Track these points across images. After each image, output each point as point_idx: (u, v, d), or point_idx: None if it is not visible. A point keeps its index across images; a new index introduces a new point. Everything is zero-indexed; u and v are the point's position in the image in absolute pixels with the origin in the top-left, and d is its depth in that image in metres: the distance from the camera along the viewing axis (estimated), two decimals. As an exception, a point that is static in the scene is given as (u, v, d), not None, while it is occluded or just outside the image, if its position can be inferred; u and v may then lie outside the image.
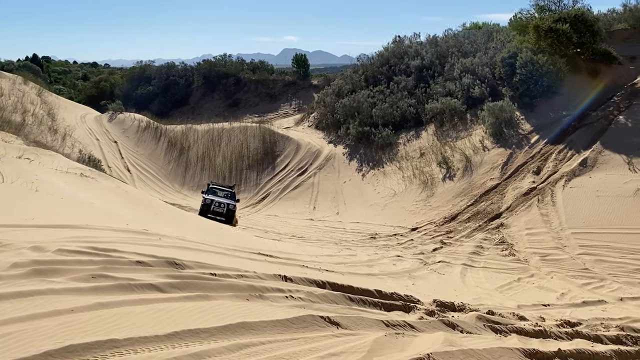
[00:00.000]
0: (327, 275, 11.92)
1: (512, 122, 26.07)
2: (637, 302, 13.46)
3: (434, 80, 32.87)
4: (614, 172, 21.05)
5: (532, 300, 12.80)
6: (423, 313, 8.25)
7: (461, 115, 28.89)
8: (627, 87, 25.84)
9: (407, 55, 36.77)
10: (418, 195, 25.01)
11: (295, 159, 31.51)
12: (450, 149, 26.67)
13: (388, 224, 23.12)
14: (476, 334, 6.99)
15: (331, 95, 36.54)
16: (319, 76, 52.68)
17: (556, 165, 22.65)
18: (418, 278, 15.16)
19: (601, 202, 19.66)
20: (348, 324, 6.08)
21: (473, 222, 21.14)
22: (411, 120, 31.14)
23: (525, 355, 5.76)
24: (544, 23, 26.87)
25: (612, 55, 27.46)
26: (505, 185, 22.74)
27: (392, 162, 28.88)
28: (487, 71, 30.05)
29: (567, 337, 8.08)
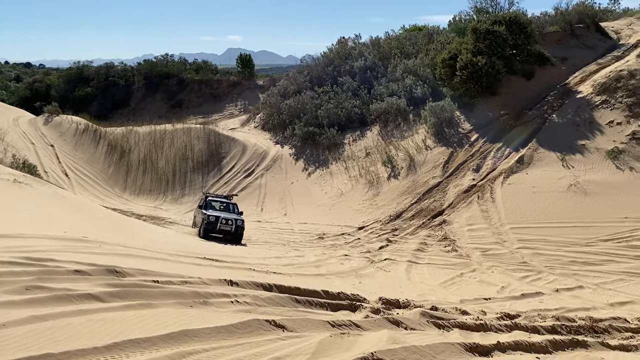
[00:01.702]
0: (274, 277, 11.89)
1: (452, 121, 26.85)
2: (572, 292, 14.14)
3: (378, 81, 33.40)
4: (549, 168, 22.05)
5: (474, 294, 13.21)
6: (369, 311, 8.36)
7: (404, 116, 29.49)
8: (559, 87, 27.12)
9: (351, 56, 37.20)
10: (364, 194, 25.33)
11: (242, 160, 31.23)
12: (394, 149, 27.16)
13: (336, 224, 23.29)
14: (420, 330, 7.15)
15: (276, 95, 36.45)
16: (264, 76, 52.42)
17: (495, 163, 23.49)
18: (365, 276, 15.34)
19: (537, 198, 20.55)
20: (294, 326, 6.08)
21: (417, 219, 21.62)
22: (356, 120, 31.51)
23: (466, 349, 5.94)
24: (482, 25, 27.83)
25: (546, 57, 28.78)
26: (447, 183, 23.39)
27: (338, 162, 29.11)
28: (429, 72, 30.81)
29: (507, 330, 8.40)
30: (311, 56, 40.71)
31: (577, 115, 24.29)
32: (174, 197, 30.08)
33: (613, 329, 9.94)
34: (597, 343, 8.28)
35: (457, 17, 33.76)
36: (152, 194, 30.61)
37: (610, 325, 10.24)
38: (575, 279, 15.13)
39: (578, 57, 29.30)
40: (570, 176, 21.03)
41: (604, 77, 25.62)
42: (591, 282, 14.77)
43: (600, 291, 14.15)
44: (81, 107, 45.23)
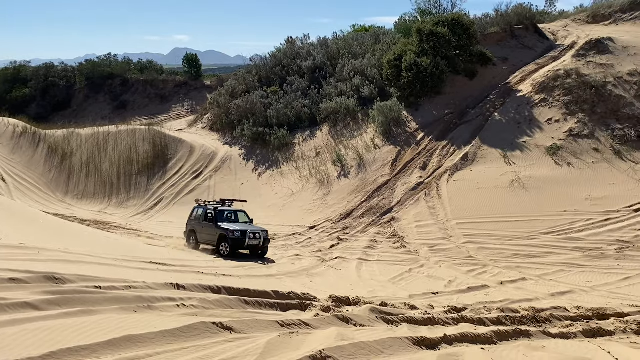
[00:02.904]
0: (223, 280, 11.73)
1: (400, 121, 27.29)
2: (516, 284, 14.64)
3: (327, 80, 33.53)
4: (492, 165, 22.77)
5: (423, 289, 13.46)
6: (319, 310, 8.38)
7: (354, 115, 29.73)
8: (501, 87, 28.04)
9: (299, 56, 37.18)
10: (315, 194, 25.37)
11: (189, 162, 30.64)
12: (344, 148, 27.34)
13: (287, 224, 23.22)
14: (369, 326, 7.21)
15: (225, 95, 35.97)
16: (211, 76, 51.64)
17: (440, 161, 24.04)
18: (316, 275, 15.37)
19: (481, 194, 21.18)
20: (242, 327, 6.00)
21: (367, 217, 21.84)
22: (306, 120, 31.52)
23: (413, 343, 6.02)
24: (426, 26, 28.42)
25: (487, 57, 29.71)
26: (396, 181, 23.74)
27: (288, 162, 29.03)
28: (376, 72, 31.19)
29: (453, 322, 8.60)
30: (260, 56, 40.42)
31: (517, 113, 25.18)
32: (119, 200, 29.18)
33: (554, 318, 10.35)
34: (539, 332, 8.59)
35: (402, 18, 34.40)
36: (96, 198, 29.60)
37: (552, 314, 10.66)
38: (518, 271, 15.68)
39: (518, 57, 30.39)
40: (512, 172, 21.78)
41: (542, 76, 26.69)
42: (533, 274, 15.34)
43: (542, 282, 14.72)
44: (19, 109, 43.23)
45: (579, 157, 21.92)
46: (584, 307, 11.45)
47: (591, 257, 16.13)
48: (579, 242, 17.19)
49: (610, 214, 18.44)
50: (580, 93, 24.43)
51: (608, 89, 24.23)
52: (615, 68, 25.61)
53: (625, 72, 25.24)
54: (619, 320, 10.69)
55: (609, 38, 27.96)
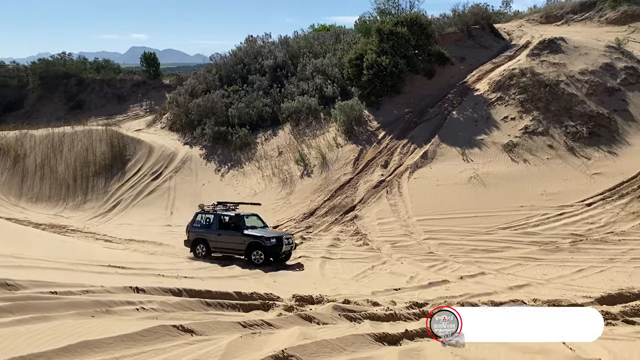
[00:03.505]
0: (185, 282, 11.59)
1: (361, 120, 27.50)
2: (475, 279, 14.98)
3: (288, 79, 33.45)
4: (451, 162, 23.22)
5: (385, 285, 13.63)
6: (282, 309, 8.37)
7: (316, 114, 29.77)
8: (458, 86, 28.62)
9: (260, 55, 36.96)
10: (278, 193, 25.29)
11: (148, 162, 30.02)
12: (307, 147, 27.36)
13: (250, 224, 23.07)
14: (332, 324, 7.24)
15: (184, 95, 35.39)
16: (170, 75, 50.67)
17: (401, 159, 24.36)
18: (280, 275, 15.36)
19: (441, 191, 21.58)
20: (203, 329, 5.92)
21: (330, 216, 21.93)
22: (268, 119, 31.36)
23: (375, 340, 6.08)
24: (385, 26, 28.73)
25: (446, 56, 30.26)
26: (358, 179, 23.93)
27: (251, 161, 28.83)
28: (337, 71, 31.33)
29: (415, 318, 8.72)
30: (220, 54, 39.95)
31: (475, 111, 25.75)
32: (76, 203, 28.34)
33: (511, 311, 10.63)
34: (497, 324, 8.80)
35: (362, 18, 34.66)
36: (52, 201, 28.66)
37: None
38: (477, 266, 16.03)
39: (475, 56, 31.06)
40: (470, 169, 22.27)
41: (498, 75, 27.37)
42: (492, 268, 15.72)
43: (501, 276, 15.08)
44: (-34, 110, 41.46)
45: (534, 153, 22.59)
46: (541, 300, 11.80)
47: (547, 251, 16.65)
48: (535, 237, 17.72)
49: (564, 209, 19.08)
50: (535, 91, 25.17)
51: (561, 88, 25.04)
52: (567, 67, 26.50)
53: (577, 71, 26.15)
54: (572, 310, 11.08)
55: (561, 38, 28.92)
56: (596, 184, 20.29)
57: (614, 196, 19.33)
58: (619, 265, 15.12)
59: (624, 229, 17.27)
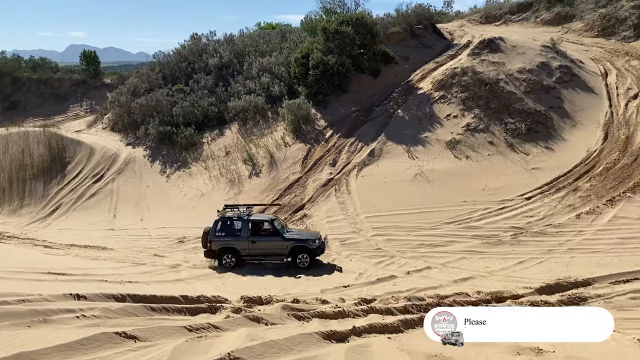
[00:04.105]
0: (129, 287, 11.27)
1: (309, 118, 27.53)
2: (421, 273, 15.29)
3: (234, 78, 33.10)
4: (397, 160, 23.61)
5: (334, 283, 13.71)
6: (230, 311, 8.26)
7: (263, 113, 29.59)
8: (403, 85, 29.12)
9: (205, 53, 36.39)
10: (226, 193, 24.96)
11: (89, 164, 28.97)
12: (254, 146, 27.14)
13: (197, 226, 22.50)
14: (280, 324, 7.21)
15: (126, 94, 34.38)
16: (112, 74, 49.12)
17: (349, 157, 24.57)
18: (228, 276, 15.16)
19: (388, 188, 21.90)
20: (147, 335, 5.76)
21: (280, 215, 21.81)
22: (214, 119, 30.91)
23: (323, 338, 6.10)
24: (331, 25, 28.88)
25: (390, 56, 30.73)
26: (307, 178, 23.95)
27: (197, 162, 28.34)
28: (284, 70, 31.24)
29: (363, 314, 8.82)
30: (163, 53, 39.08)
31: (419, 110, 26.28)
32: (12, 208, 27.01)
33: (457, 304, 10.92)
34: (443, 317, 9.02)
35: (308, 16, 34.70)
36: (-15, 207, 27.21)
37: (454, 300, 11.26)
38: (423, 260, 16.36)
39: (418, 56, 31.71)
40: (416, 166, 22.72)
41: (441, 74, 28.04)
42: (437, 262, 16.09)
43: (446, 270, 15.47)
44: None
45: (476, 150, 23.28)
46: (484, 292, 12.19)
47: (489, 244, 17.19)
48: (478, 230, 18.26)
49: (505, 203, 19.76)
50: (476, 90, 25.94)
51: (500, 86, 25.92)
52: (506, 66, 27.46)
53: (515, 70, 27.14)
54: (514, 301, 11.51)
55: (500, 38, 29.94)
56: (535, 178, 21.12)
57: (552, 190, 20.19)
58: (557, 256, 15.80)
59: (561, 221, 18.05)
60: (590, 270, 14.12)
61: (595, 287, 12.86)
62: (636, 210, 17.84)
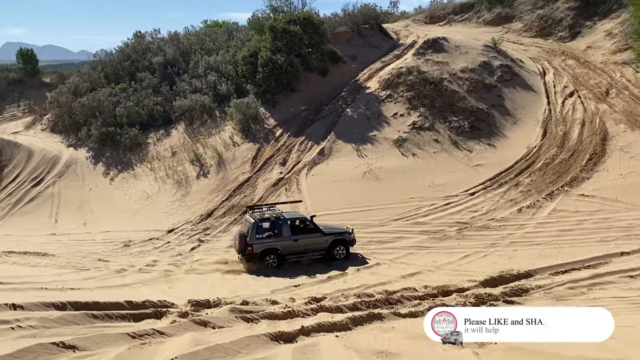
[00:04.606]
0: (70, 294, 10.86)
1: (258, 117, 27.34)
2: (371, 270, 15.47)
3: (180, 77, 32.46)
4: (346, 158, 23.80)
5: (285, 283, 13.67)
6: (176, 316, 8.09)
7: (210, 112, 29.15)
8: (351, 84, 29.38)
9: (149, 51, 35.51)
10: (173, 195, 24.46)
11: (28, 167, 27.72)
12: (202, 146, 26.71)
13: (143, 229, 22.07)
14: (228, 327, 7.12)
15: (67, 94, 33.11)
16: (51, 73, 47.03)
17: (299, 156, 24.56)
18: (176, 280, 14.85)
19: (338, 186, 22.05)
20: (87, 344, 5.56)
21: (229, 216, 21.59)
22: (160, 118, 30.22)
23: (271, 339, 6.06)
24: (278, 24, 28.76)
25: (338, 55, 30.95)
26: (257, 178, 23.78)
27: (142, 163, 27.63)
28: (231, 69, 30.89)
29: (312, 313, 8.82)
30: (106, 51, 37.86)
31: (367, 109, 26.58)
32: (-57, 215, 25.53)
33: (404, 299, 11.12)
34: (391, 314, 9.16)
35: (255, 15, 34.40)
36: None
37: (402, 295, 11.44)
38: (373, 257, 16.57)
39: (366, 55, 32.07)
40: (365, 164, 22.98)
41: (387, 74, 28.45)
42: (386, 258, 16.33)
43: (394, 266, 15.71)
44: None
45: (422, 147, 23.77)
46: (431, 286, 12.46)
47: (435, 239, 17.59)
48: (424, 226, 18.65)
49: (450, 199, 20.27)
50: (421, 89, 26.47)
51: (444, 85, 26.56)
52: (450, 65, 28.16)
53: (458, 69, 27.87)
54: (460, 295, 11.82)
55: (444, 38, 30.66)
56: (478, 174, 21.77)
57: (494, 185, 20.86)
58: (500, 249, 16.34)
59: (503, 215, 18.68)
60: (532, 262, 14.69)
61: (537, 278, 13.39)
62: (574, 203, 18.68)
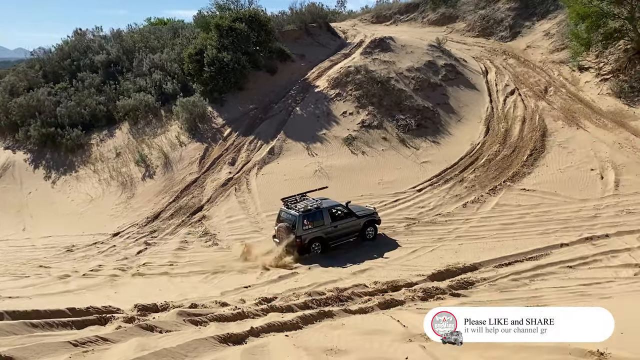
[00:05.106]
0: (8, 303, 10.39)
1: (205, 117, 26.91)
2: (322, 268, 15.52)
3: (123, 76, 31.52)
4: (297, 157, 23.79)
5: (235, 284, 13.52)
6: (121, 322, 7.84)
7: (155, 112, 28.46)
8: (300, 82, 29.37)
9: (91, 49, 34.30)
10: (118, 197, 23.76)
11: (-40, 171, 26.29)
12: (147, 147, 26.05)
13: (87, 233, 21.34)
14: (175, 331, 6.96)
15: (3, 93, 31.51)
16: (-15, 72, 44.81)
17: (249, 155, 24.35)
18: (122, 285, 14.45)
19: (289, 185, 21.97)
20: (25, 355, 5.31)
21: (176, 218, 21.16)
22: (103, 118, 29.24)
23: (220, 341, 5.97)
24: (224, 22, 28.38)
25: (286, 53, 30.86)
26: (205, 178, 23.42)
27: (85, 165, 26.69)
28: (177, 67, 30.25)
29: (263, 313, 8.76)
30: (44, 49, 36.28)
31: (317, 107, 26.65)
32: None
33: (355, 295, 11.22)
34: (341, 311, 9.21)
35: (201, 12, 33.82)
36: None
37: (353, 292, 11.55)
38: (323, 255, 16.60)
39: (314, 54, 32.13)
40: (315, 163, 23.04)
41: (336, 72, 28.60)
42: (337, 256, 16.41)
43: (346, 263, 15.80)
44: None
45: (371, 145, 24.05)
46: (380, 282, 12.63)
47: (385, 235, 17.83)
48: (375, 223, 18.86)
49: (398, 195, 20.59)
50: (369, 88, 26.77)
51: (391, 84, 26.96)
52: (396, 65, 28.60)
53: (405, 69, 28.34)
54: (408, 289, 12.04)
55: (390, 37, 31.12)
56: (425, 171, 22.21)
57: (440, 182, 21.34)
58: (447, 243, 16.73)
59: (449, 211, 19.13)
60: (477, 255, 15.12)
61: (482, 271, 13.81)
62: (515, 197, 19.35)
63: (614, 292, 11.48)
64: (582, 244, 15.16)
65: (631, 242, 14.85)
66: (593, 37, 24.94)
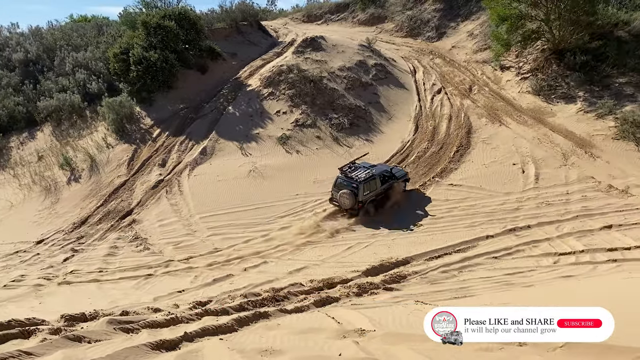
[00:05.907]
0: None
1: (133, 117, 26.07)
2: (258, 269, 15.46)
3: (44, 75, 29.98)
4: (230, 157, 23.51)
5: (168, 289, 13.21)
6: (46, 334, 7.48)
7: (80, 112, 27.27)
8: (232, 81, 29.05)
9: (7, 47, 32.39)
10: (41, 203, 22.55)
11: None
12: (72, 149, 24.91)
13: (7, 242, 20.10)
14: (105, 340, 6.72)
15: None
16: None
17: (180, 156, 23.82)
18: (47, 295, 13.77)
19: (222, 186, 21.70)
20: (-63, 376, 4.95)
21: (105, 223, 20.36)
22: (22, 120, 27.70)
23: (152, 348, 5.83)
24: (152, 19, 27.59)
25: (217, 52, 30.42)
26: (134, 181, 22.69)
27: (4, 169, 25.20)
28: (102, 66, 29.14)
29: (197, 318, 8.61)
30: (-47, 46, 33.85)
31: (249, 106, 26.46)
32: None
33: (291, 295, 11.26)
34: (277, 311, 9.22)
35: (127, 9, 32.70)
36: None
37: (289, 291, 11.58)
38: (260, 256, 16.54)
39: (246, 52, 31.88)
40: (249, 163, 22.87)
41: (268, 71, 28.53)
42: (273, 256, 16.39)
43: (281, 263, 15.84)
44: None
45: (305, 144, 24.17)
46: (316, 280, 12.74)
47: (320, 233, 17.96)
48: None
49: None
50: (302, 87, 26.89)
51: (324, 83, 27.21)
52: (328, 64, 28.89)
53: (337, 68, 28.69)
54: (343, 286, 12.22)
55: (322, 37, 31.38)
56: (358, 169, 22.58)
57: (373, 179, 21.78)
58: (380, 239, 17.11)
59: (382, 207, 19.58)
60: (408, 249, 15.59)
61: (413, 264, 14.25)
62: (444, 192, 20.06)
63: (535, 280, 12.19)
64: (506, 235, 15.98)
65: (551, 232, 15.81)
66: (513, 38, 26.24)
